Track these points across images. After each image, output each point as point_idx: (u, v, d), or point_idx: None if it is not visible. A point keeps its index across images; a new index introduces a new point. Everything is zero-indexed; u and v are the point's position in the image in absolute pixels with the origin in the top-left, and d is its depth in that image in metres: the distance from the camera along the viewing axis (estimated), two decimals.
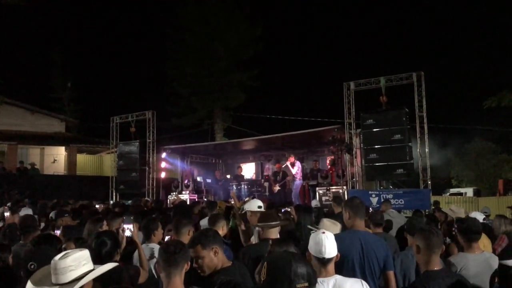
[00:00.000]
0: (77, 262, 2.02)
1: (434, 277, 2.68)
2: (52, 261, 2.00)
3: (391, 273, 3.16)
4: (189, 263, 2.49)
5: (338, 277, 2.52)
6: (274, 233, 3.53)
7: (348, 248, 3.07)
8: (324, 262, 2.48)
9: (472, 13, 39.00)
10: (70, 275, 1.98)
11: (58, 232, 4.53)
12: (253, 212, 4.26)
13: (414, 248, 2.86)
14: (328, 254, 2.48)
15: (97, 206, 7.90)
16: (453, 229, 4.10)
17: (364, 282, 2.58)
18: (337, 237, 3.36)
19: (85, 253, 2.11)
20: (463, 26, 38.65)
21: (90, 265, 2.10)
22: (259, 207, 4.40)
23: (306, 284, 1.65)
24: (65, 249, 3.34)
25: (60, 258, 2.01)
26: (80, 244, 3.38)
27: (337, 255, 2.58)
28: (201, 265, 2.74)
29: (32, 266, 2.66)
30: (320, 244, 2.50)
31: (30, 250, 2.97)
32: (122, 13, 53.28)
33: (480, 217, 4.64)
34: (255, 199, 4.83)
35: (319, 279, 2.42)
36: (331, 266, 2.52)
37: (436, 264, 2.76)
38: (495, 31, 36.30)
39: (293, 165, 13.21)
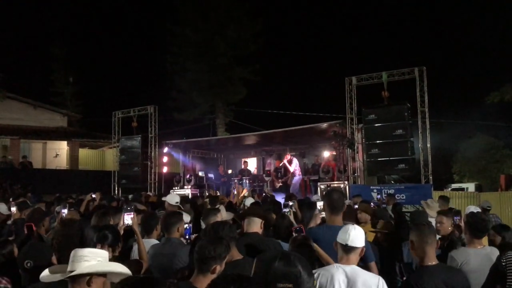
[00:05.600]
0: (93, 254, 2.17)
1: (429, 272, 2.65)
2: (73, 251, 2.18)
3: (372, 264, 3.20)
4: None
5: (356, 267, 2.59)
6: (256, 227, 3.59)
7: (325, 243, 3.12)
8: (346, 249, 2.61)
9: (474, 8, 38.75)
10: (83, 264, 2.13)
11: None
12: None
13: (410, 245, 2.86)
14: (351, 242, 2.59)
15: (93, 196, 7.81)
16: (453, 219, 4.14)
17: (381, 279, 2.57)
18: (312, 231, 3.48)
19: (104, 252, 2.27)
20: (465, 20, 38.42)
21: (104, 263, 2.21)
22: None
23: (290, 286, 1.60)
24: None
25: (79, 248, 2.19)
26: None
27: (362, 249, 2.65)
28: None
29: (29, 264, 2.68)
30: (346, 232, 2.64)
31: (26, 249, 2.98)
32: (124, 8, 53.15)
33: (475, 211, 4.66)
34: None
35: (336, 265, 2.59)
36: (353, 256, 2.62)
37: (432, 259, 2.74)
38: (498, 25, 36.09)
39: (290, 162, 13.23)
